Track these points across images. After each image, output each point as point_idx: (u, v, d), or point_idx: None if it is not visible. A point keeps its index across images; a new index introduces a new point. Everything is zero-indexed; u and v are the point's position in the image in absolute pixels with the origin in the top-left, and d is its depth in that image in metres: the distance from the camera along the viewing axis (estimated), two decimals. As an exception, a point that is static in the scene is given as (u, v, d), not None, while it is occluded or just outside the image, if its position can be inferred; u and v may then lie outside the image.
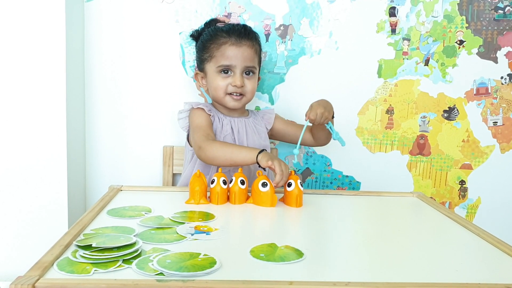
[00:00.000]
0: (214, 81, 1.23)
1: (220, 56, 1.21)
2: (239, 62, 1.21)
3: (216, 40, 1.22)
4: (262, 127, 1.30)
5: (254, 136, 1.26)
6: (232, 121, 1.26)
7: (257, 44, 1.26)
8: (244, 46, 1.22)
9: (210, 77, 1.24)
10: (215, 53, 1.22)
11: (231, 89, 1.22)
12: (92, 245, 0.67)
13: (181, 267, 0.62)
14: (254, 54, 1.24)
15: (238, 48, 1.21)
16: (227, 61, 1.21)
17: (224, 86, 1.22)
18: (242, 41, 1.22)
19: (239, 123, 1.26)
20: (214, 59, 1.22)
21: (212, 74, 1.23)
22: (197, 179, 0.97)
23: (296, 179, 0.98)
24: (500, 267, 0.70)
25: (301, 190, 0.98)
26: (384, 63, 1.43)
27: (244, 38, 1.22)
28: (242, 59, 1.21)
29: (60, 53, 1.22)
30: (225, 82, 1.22)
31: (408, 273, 0.66)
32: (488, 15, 1.42)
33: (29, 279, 0.57)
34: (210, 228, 0.80)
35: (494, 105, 1.46)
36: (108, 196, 0.99)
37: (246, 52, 1.22)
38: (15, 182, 1.25)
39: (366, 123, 1.46)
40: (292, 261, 0.67)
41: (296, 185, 0.98)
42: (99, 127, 1.41)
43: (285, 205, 0.99)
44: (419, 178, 1.49)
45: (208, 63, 1.24)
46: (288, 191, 0.98)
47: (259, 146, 1.25)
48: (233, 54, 1.20)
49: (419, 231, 0.88)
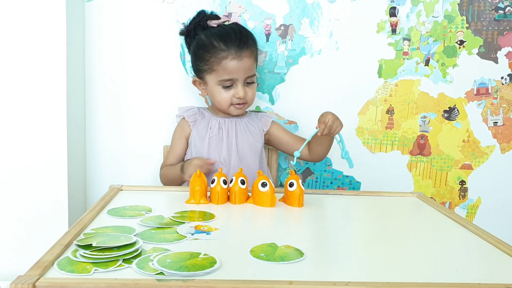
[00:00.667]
0: (217, 94, 1.23)
1: (221, 71, 1.19)
2: (241, 75, 1.20)
3: (215, 54, 1.19)
4: (256, 128, 1.29)
5: (244, 136, 1.26)
6: (222, 121, 1.26)
7: (255, 49, 1.25)
8: (245, 57, 1.20)
9: (211, 88, 1.24)
10: (216, 67, 1.20)
11: (235, 100, 1.22)
12: (93, 244, 0.67)
13: (181, 266, 0.62)
14: (253, 61, 1.24)
15: (239, 61, 1.19)
16: (229, 75, 1.20)
17: (229, 98, 1.22)
18: (242, 52, 1.19)
19: (230, 123, 1.26)
20: (215, 72, 1.21)
21: (213, 86, 1.23)
22: (197, 179, 0.97)
23: (297, 178, 0.98)
24: (500, 267, 0.70)
25: (302, 189, 0.98)
26: (385, 63, 1.43)
27: (244, 48, 1.20)
28: (243, 72, 1.20)
29: (60, 53, 1.22)
30: (228, 94, 1.22)
31: (408, 273, 0.66)
32: (488, 15, 1.42)
33: (29, 279, 0.57)
34: (210, 228, 0.80)
35: (494, 105, 1.46)
36: (108, 195, 0.99)
37: (247, 63, 1.20)
38: (15, 182, 1.25)
39: (366, 123, 1.46)
40: (292, 261, 0.67)
41: (298, 185, 0.98)
42: (100, 126, 1.41)
43: (286, 205, 0.99)
44: (419, 178, 1.49)
45: (209, 75, 1.22)
46: (290, 191, 0.98)
47: (249, 145, 1.26)
48: (234, 68, 1.19)
49: (419, 231, 0.88)
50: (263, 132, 1.30)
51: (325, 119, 1.09)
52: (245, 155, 1.25)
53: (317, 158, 1.28)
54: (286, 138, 1.31)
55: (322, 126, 1.09)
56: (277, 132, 1.31)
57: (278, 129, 1.32)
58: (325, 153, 1.26)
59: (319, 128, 1.09)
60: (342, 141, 1.14)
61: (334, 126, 1.09)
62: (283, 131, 1.32)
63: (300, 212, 0.96)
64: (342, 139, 1.14)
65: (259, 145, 1.28)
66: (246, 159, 1.25)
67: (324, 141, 1.22)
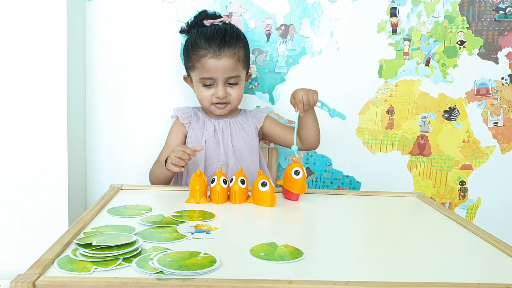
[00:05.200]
0: (199, 91, 1.24)
1: (201, 69, 1.20)
2: (220, 74, 1.19)
3: (196, 51, 1.20)
4: (251, 126, 1.29)
5: (239, 136, 1.26)
6: (216, 122, 1.26)
7: (240, 49, 1.22)
8: (224, 57, 1.18)
9: (195, 85, 1.25)
10: (196, 64, 1.21)
11: (215, 99, 1.22)
12: (93, 243, 0.67)
13: (181, 265, 0.62)
14: (236, 62, 1.20)
15: (218, 60, 1.18)
16: (208, 74, 1.19)
17: (208, 97, 1.22)
18: (222, 52, 1.18)
19: (224, 124, 1.26)
20: (196, 70, 1.21)
21: (196, 83, 1.24)
22: (197, 178, 0.97)
23: (301, 165, 0.99)
24: (500, 267, 0.70)
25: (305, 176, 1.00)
26: (385, 63, 1.43)
27: (224, 48, 1.18)
28: (222, 71, 1.19)
29: (61, 52, 1.22)
30: (208, 93, 1.22)
31: (408, 273, 0.66)
32: (489, 16, 1.42)
33: (29, 277, 0.57)
34: (210, 227, 0.80)
35: (494, 105, 1.46)
36: (108, 194, 0.99)
37: (226, 63, 1.19)
38: (16, 181, 1.25)
39: (366, 123, 1.46)
40: (292, 260, 0.67)
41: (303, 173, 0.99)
42: (100, 125, 1.41)
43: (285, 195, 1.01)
44: (419, 179, 1.49)
45: (192, 72, 1.24)
46: (296, 179, 0.98)
47: (245, 145, 1.25)
48: (213, 67, 1.18)
49: (419, 231, 0.88)
50: (257, 129, 1.29)
51: (299, 96, 1.08)
52: (242, 155, 1.25)
53: (310, 143, 1.23)
54: (278, 131, 1.29)
55: (300, 105, 1.08)
56: (271, 126, 1.30)
57: (271, 124, 1.31)
58: (314, 134, 1.21)
59: (299, 108, 1.09)
60: (323, 104, 1.13)
61: (310, 98, 1.08)
62: (276, 125, 1.31)
63: (300, 211, 0.96)
64: (323, 102, 1.13)
65: (255, 143, 1.27)
66: (244, 159, 1.25)
67: (306, 121, 1.19)
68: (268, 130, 1.30)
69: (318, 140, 1.23)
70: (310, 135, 1.22)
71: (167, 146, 1.29)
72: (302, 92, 1.09)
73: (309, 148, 1.26)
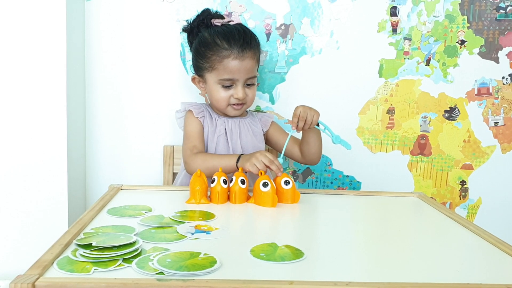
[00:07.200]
0: (216, 92, 1.21)
1: (222, 70, 1.18)
2: (242, 75, 1.18)
3: (217, 52, 1.18)
4: (259, 128, 1.29)
5: (248, 137, 1.25)
6: (226, 122, 1.25)
7: (258, 51, 1.23)
8: (247, 58, 1.18)
9: (210, 86, 1.22)
10: (217, 65, 1.18)
11: (233, 101, 1.21)
12: (92, 244, 0.67)
13: (181, 266, 0.62)
14: (255, 63, 1.22)
15: (241, 62, 1.17)
16: (230, 75, 1.18)
17: (227, 98, 1.20)
18: (245, 53, 1.18)
19: (233, 123, 1.26)
20: (216, 71, 1.19)
21: (213, 84, 1.21)
22: (197, 179, 0.97)
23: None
24: (501, 267, 0.70)
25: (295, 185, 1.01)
26: (385, 63, 1.43)
27: (246, 49, 1.18)
28: (244, 72, 1.18)
29: (60, 52, 1.22)
30: (227, 94, 1.20)
31: (409, 273, 0.66)
32: (489, 15, 1.42)
33: (29, 278, 0.57)
34: (210, 228, 0.80)
35: (495, 105, 1.46)
36: (108, 195, 0.99)
37: (248, 64, 1.19)
38: (16, 182, 1.25)
39: (367, 123, 1.45)
40: (292, 261, 0.67)
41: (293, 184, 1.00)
42: (100, 126, 1.41)
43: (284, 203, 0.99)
44: (419, 178, 1.48)
45: (209, 73, 1.21)
46: (285, 189, 0.99)
47: (253, 147, 1.24)
48: (236, 68, 1.17)
49: (419, 231, 0.88)
50: (263, 133, 1.30)
51: (296, 112, 1.08)
52: None
53: (309, 159, 1.23)
54: (276, 137, 1.30)
55: (295, 119, 1.08)
56: (276, 133, 1.30)
57: (276, 131, 1.31)
58: (315, 151, 1.21)
59: (292, 124, 1.08)
60: (326, 127, 1.11)
61: (308, 116, 1.07)
62: (279, 132, 1.30)
63: (300, 212, 0.95)
64: (326, 126, 1.12)
65: (262, 146, 1.27)
66: None
67: (308, 138, 1.19)
68: (272, 136, 1.30)
69: (318, 157, 1.23)
70: (310, 152, 1.22)
71: (194, 133, 1.22)
72: (302, 108, 1.08)
73: (309, 163, 1.26)
